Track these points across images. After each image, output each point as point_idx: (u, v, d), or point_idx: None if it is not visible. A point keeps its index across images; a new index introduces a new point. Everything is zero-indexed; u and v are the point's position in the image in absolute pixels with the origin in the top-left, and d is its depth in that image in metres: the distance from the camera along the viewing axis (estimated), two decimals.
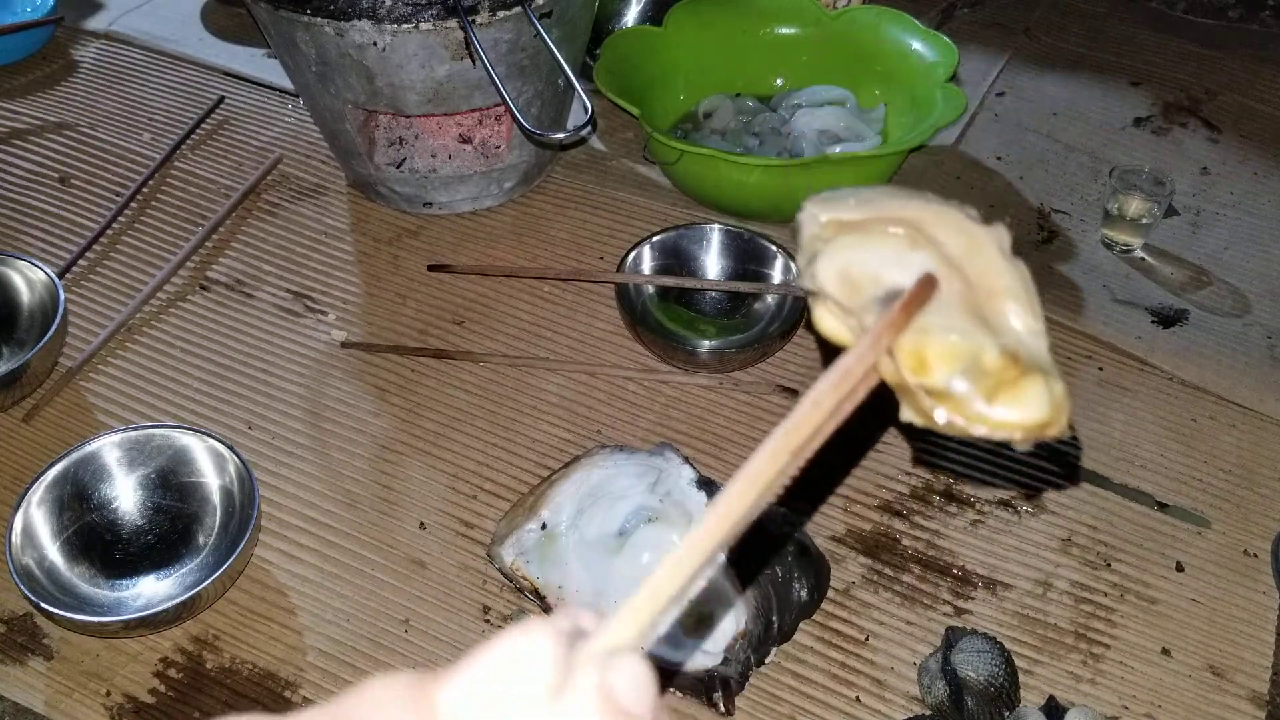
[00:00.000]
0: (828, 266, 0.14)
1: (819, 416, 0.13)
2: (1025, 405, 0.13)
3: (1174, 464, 0.40)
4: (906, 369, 0.13)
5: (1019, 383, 0.13)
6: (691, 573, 0.12)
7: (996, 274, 0.14)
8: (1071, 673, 0.34)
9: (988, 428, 0.13)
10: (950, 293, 0.14)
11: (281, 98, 0.58)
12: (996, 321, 0.14)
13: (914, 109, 0.51)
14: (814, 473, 0.42)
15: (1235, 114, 0.59)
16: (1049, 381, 0.14)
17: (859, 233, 0.14)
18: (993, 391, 0.13)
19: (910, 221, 0.14)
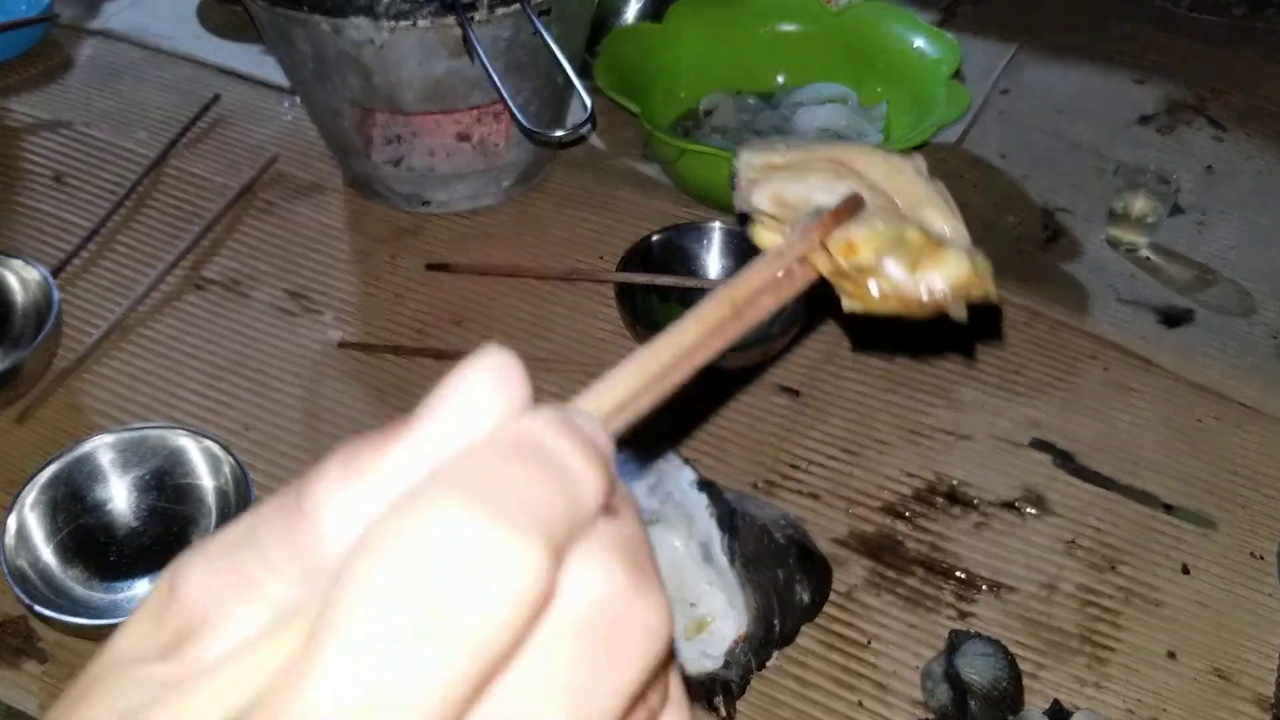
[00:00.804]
0: (763, 192, 0.16)
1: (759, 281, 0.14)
2: (947, 267, 0.15)
3: (1180, 465, 0.40)
4: (838, 254, 0.15)
5: (940, 252, 0.15)
6: (633, 385, 0.12)
7: (916, 190, 0.16)
8: (1076, 676, 0.34)
9: (916, 291, 0.15)
10: (875, 205, 0.16)
11: (278, 95, 0.58)
12: (918, 220, 0.16)
13: (917, 107, 0.51)
14: (816, 473, 0.41)
15: (1241, 112, 0.58)
16: (970, 253, 0.15)
17: (790, 169, 0.16)
18: (916, 261, 0.15)
19: (835, 158, 0.16)
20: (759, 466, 0.40)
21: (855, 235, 0.15)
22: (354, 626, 0.09)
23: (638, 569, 0.10)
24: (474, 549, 0.09)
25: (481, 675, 0.09)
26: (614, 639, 0.10)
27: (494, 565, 0.09)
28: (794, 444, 0.41)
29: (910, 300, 0.15)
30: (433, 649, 0.09)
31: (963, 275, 0.15)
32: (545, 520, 0.09)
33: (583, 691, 0.09)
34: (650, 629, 0.10)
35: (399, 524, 0.09)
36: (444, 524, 0.09)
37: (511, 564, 0.09)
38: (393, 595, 0.09)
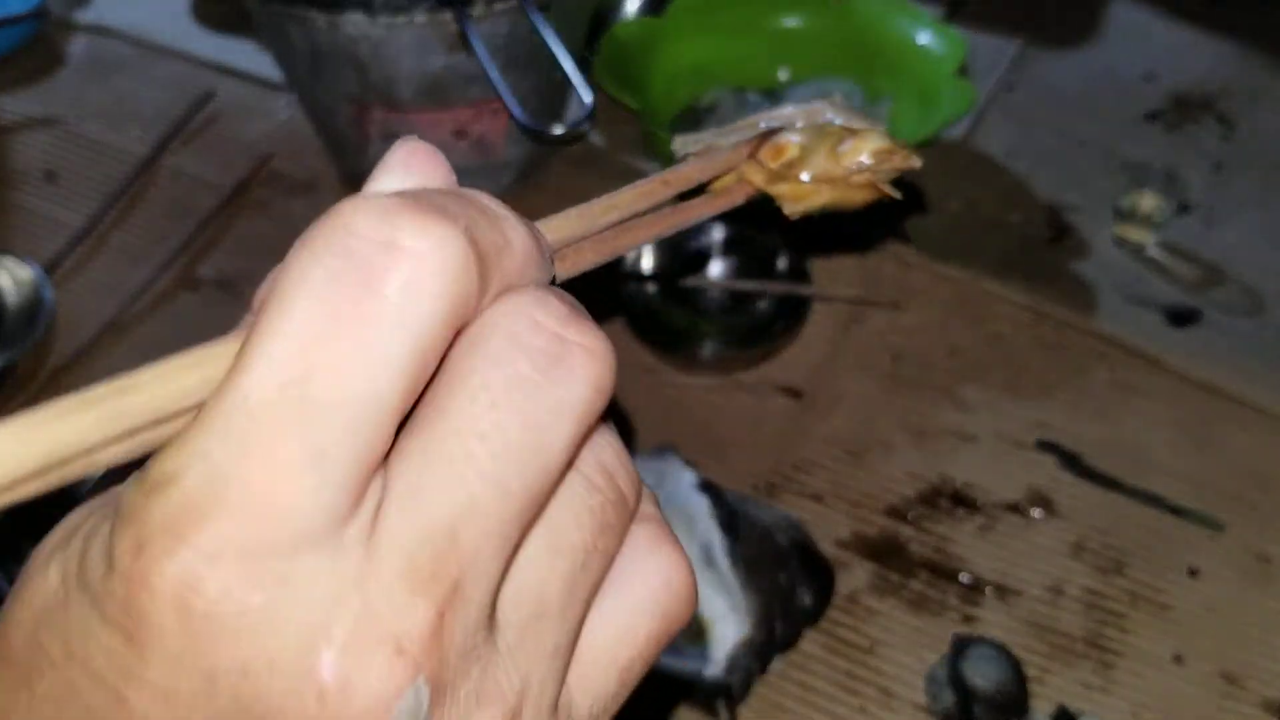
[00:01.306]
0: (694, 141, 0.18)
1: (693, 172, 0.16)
2: (866, 139, 0.16)
3: (1187, 467, 0.40)
4: (767, 160, 0.16)
5: (858, 133, 0.17)
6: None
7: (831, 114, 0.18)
8: (1082, 680, 0.33)
9: (843, 168, 0.16)
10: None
11: (273, 92, 0.57)
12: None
13: (921, 103, 0.50)
14: (819, 475, 0.40)
15: (1250, 108, 0.58)
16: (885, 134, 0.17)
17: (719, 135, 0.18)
18: (836, 148, 0.16)
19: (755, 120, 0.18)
20: (761, 468, 0.39)
21: (780, 138, 0.16)
22: (282, 320, 0.09)
23: (573, 308, 0.10)
24: (398, 232, 0.09)
25: (416, 359, 0.09)
26: (555, 353, 0.09)
27: (411, 243, 0.09)
28: (796, 445, 0.40)
29: (840, 180, 0.16)
30: (365, 331, 0.09)
31: (883, 144, 0.16)
32: (469, 222, 0.09)
33: (528, 398, 0.09)
34: (590, 349, 0.10)
35: (322, 223, 0.09)
36: (369, 215, 0.09)
37: (437, 243, 0.09)
38: (317, 286, 0.09)
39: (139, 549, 0.08)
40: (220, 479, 0.08)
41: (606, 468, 0.10)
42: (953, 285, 0.47)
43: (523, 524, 0.09)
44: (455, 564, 0.09)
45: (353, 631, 0.09)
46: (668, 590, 0.11)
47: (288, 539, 0.08)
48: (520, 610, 0.10)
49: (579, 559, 0.10)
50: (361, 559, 0.09)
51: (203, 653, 0.08)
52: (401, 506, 0.09)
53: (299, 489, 0.08)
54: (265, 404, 0.09)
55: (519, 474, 0.09)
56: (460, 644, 0.09)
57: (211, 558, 0.08)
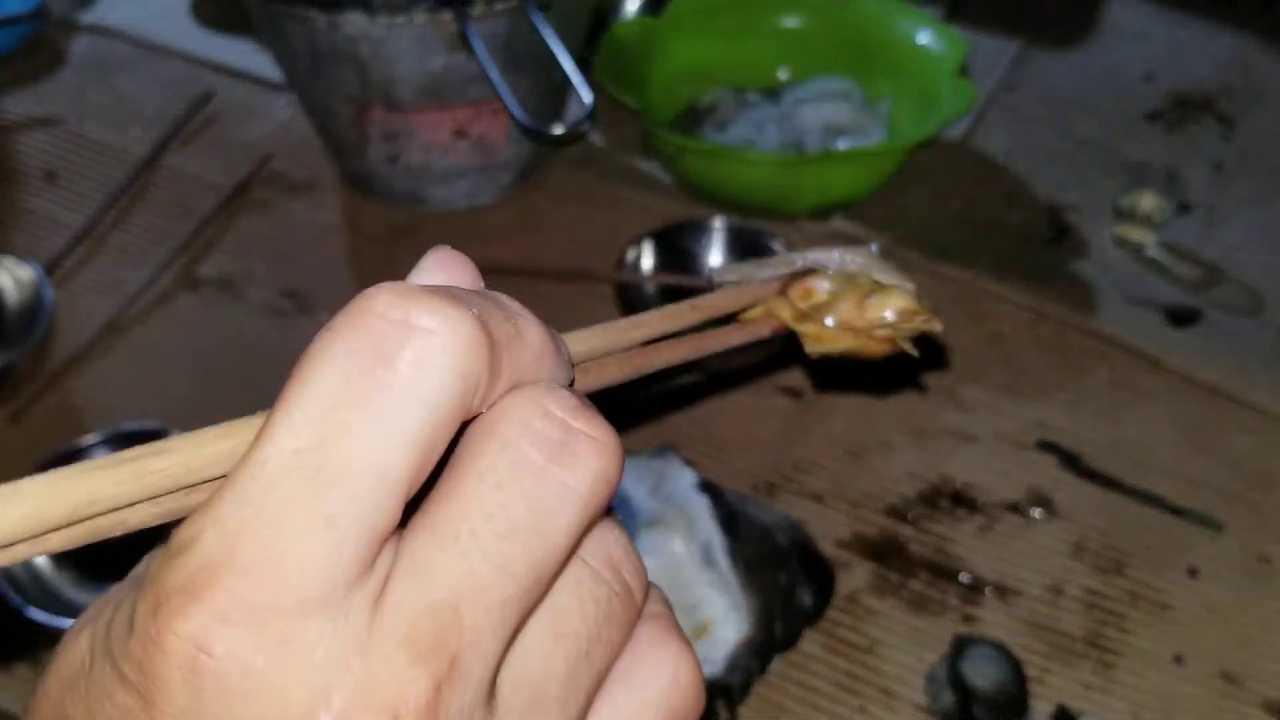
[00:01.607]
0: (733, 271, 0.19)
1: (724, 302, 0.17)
2: (893, 299, 0.17)
3: (1187, 467, 0.40)
4: (797, 299, 0.17)
5: (886, 289, 0.18)
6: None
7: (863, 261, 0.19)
8: (1082, 680, 0.33)
9: (867, 321, 0.17)
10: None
11: (273, 92, 0.57)
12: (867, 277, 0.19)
13: (921, 102, 0.50)
14: (819, 475, 0.40)
15: (1250, 109, 0.58)
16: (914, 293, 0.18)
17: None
18: (862, 299, 0.17)
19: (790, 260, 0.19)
20: (761, 468, 0.39)
21: (811, 281, 0.17)
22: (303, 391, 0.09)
23: (584, 401, 0.10)
24: (412, 312, 0.09)
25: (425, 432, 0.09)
26: (562, 441, 0.10)
27: (423, 323, 0.09)
28: (796, 445, 0.40)
29: (862, 331, 0.17)
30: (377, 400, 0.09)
31: (908, 305, 0.17)
32: (483, 310, 0.10)
33: (534, 483, 0.10)
34: (597, 440, 0.10)
35: (348, 306, 0.10)
36: (387, 296, 0.10)
37: (447, 322, 0.09)
38: (336, 359, 0.09)
39: (156, 609, 0.09)
40: (234, 541, 0.09)
41: (612, 560, 0.11)
42: (953, 285, 0.47)
43: (524, 606, 0.10)
44: (456, 638, 0.09)
45: (351, 698, 0.09)
46: (675, 686, 0.11)
47: (295, 602, 0.09)
48: (520, 693, 0.10)
49: (582, 647, 0.10)
50: (365, 626, 0.09)
51: (208, 713, 0.09)
52: (407, 579, 0.09)
53: (308, 552, 0.09)
54: (281, 470, 0.09)
55: (522, 555, 0.09)
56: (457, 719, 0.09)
57: (222, 618, 0.09)
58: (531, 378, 0.10)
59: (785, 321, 0.17)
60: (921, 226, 0.50)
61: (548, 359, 0.11)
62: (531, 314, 0.11)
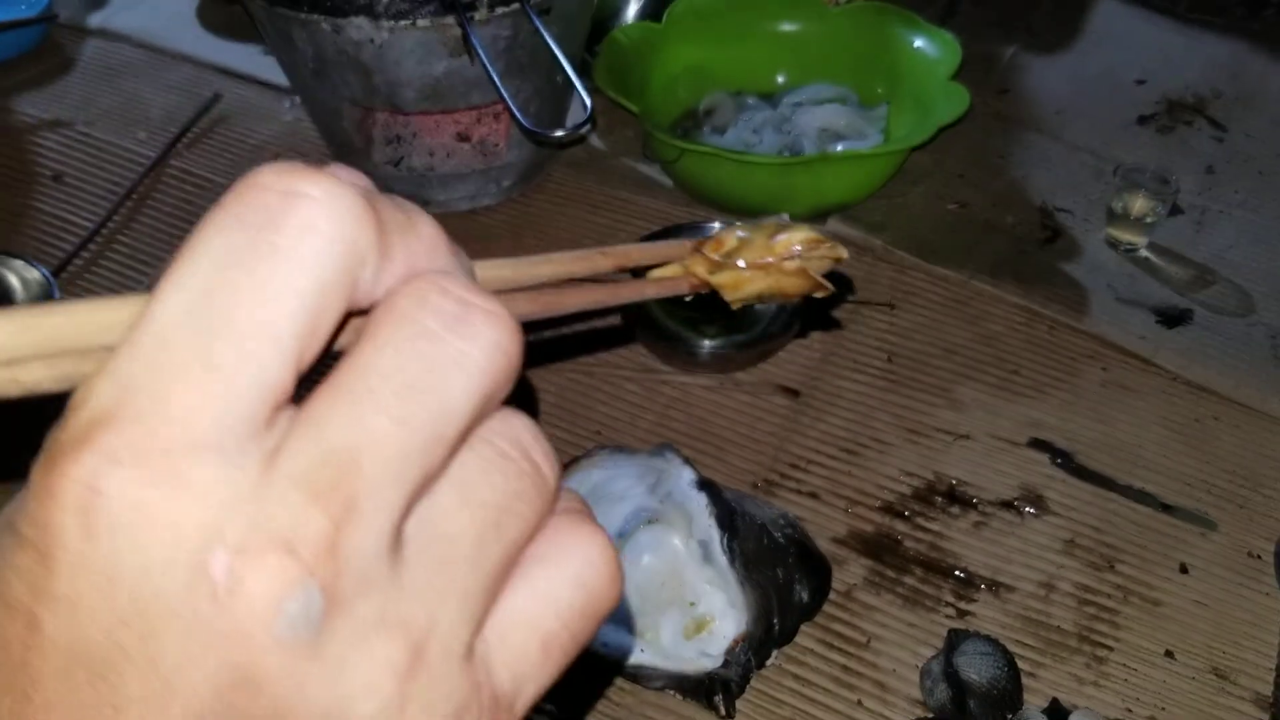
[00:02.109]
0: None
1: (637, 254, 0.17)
2: (796, 232, 0.18)
3: (1178, 465, 0.40)
4: (709, 252, 0.17)
5: (789, 227, 0.18)
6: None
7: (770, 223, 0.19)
8: (1075, 675, 0.34)
9: (776, 252, 0.17)
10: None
11: (278, 95, 0.58)
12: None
13: (917, 106, 0.51)
14: (816, 473, 0.41)
15: (1240, 112, 0.58)
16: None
17: None
18: (769, 238, 0.18)
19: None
20: (759, 466, 0.40)
21: (721, 233, 0.18)
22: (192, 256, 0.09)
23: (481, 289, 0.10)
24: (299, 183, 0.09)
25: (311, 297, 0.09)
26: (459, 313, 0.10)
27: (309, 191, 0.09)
28: (793, 443, 0.41)
29: (774, 268, 0.17)
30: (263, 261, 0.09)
31: (809, 235, 0.18)
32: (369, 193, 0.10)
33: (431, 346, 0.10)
34: (493, 312, 0.10)
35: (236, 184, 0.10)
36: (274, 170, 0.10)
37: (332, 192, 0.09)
38: (223, 227, 0.09)
39: (50, 464, 0.09)
40: (126, 392, 0.09)
41: (520, 441, 0.11)
42: (947, 286, 0.47)
43: (424, 463, 0.10)
44: (352, 483, 0.09)
45: (245, 532, 0.09)
46: (589, 565, 0.11)
47: (186, 443, 0.09)
48: (426, 550, 0.10)
49: (490, 516, 0.10)
50: (259, 472, 0.09)
51: (102, 555, 0.09)
52: (303, 432, 0.09)
53: (195, 397, 0.09)
54: (170, 324, 0.09)
55: (419, 411, 0.09)
56: (358, 565, 0.09)
57: (112, 459, 0.09)
58: (426, 268, 0.10)
59: (702, 277, 0.17)
60: (916, 228, 0.50)
61: (442, 252, 0.11)
62: (426, 213, 0.11)
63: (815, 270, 0.18)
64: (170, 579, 0.09)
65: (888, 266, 0.48)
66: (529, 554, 0.11)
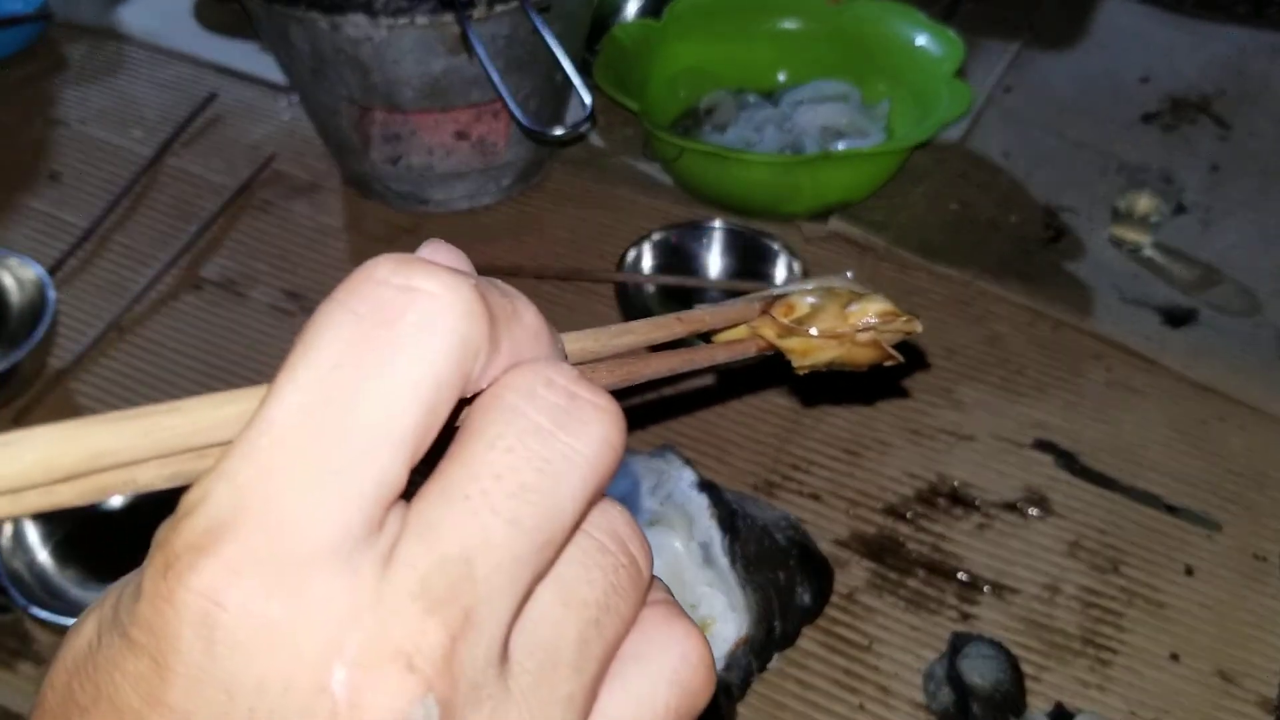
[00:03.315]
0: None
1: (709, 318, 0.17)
2: (872, 304, 0.18)
3: (1183, 466, 0.40)
4: (779, 315, 0.17)
5: (864, 296, 0.18)
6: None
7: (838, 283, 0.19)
8: (1079, 678, 0.33)
9: (848, 327, 0.17)
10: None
11: (275, 94, 0.58)
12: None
13: (919, 104, 0.51)
14: (817, 474, 0.40)
15: (1245, 110, 0.58)
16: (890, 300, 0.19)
17: None
18: (844, 307, 0.18)
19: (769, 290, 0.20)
20: (760, 467, 0.40)
21: (794, 297, 0.18)
22: (308, 353, 0.09)
23: (583, 374, 0.11)
24: (414, 277, 0.10)
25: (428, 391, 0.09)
26: (567, 407, 0.10)
27: (425, 286, 0.10)
28: (795, 445, 0.40)
29: (846, 338, 0.17)
30: (380, 358, 0.09)
31: (884, 307, 0.17)
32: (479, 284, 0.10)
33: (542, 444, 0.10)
34: (601, 406, 0.10)
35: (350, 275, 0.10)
36: (389, 263, 0.10)
37: (448, 286, 0.10)
38: (340, 323, 0.09)
39: (166, 570, 0.09)
40: (242, 496, 0.09)
41: (618, 534, 0.11)
42: (950, 285, 0.47)
43: (535, 567, 0.10)
44: (468, 591, 0.09)
45: (365, 647, 0.09)
46: (685, 663, 0.11)
47: (305, 553, 0.09)
48: (533, 656, 0.10)
49: (591, 615, 0.10)
50: (376, 580, 0.09)
51: (222, 669, 0.09)
52: (418, 536, 0.09)
53: (316, 504, 0.09)
54: (288, 427, 0.09)
55: (532, 514, 0.09)
56: (471, 675, 0.09)
57: (233, 571, 0.09)
58: (530, 356, 0.10)
59: (770, 340, 0.17)
60: (919, 227, 0.50)
61: (544, 340, 0.11)
62: (525, 298, 0.11)
63: (888, 342, 0.17)
64: (290, 697, 0.09)
65: (890, 266, 0.48)
66: (625, 651, 0.11)
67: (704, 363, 0.16)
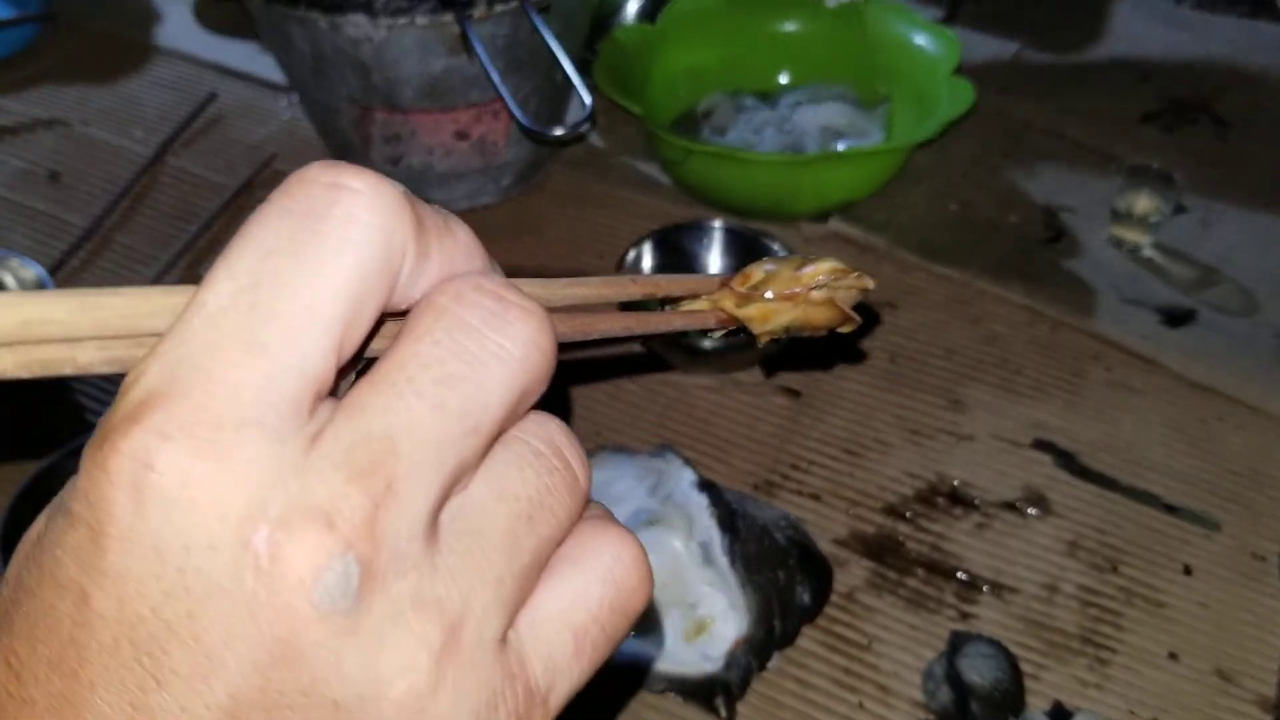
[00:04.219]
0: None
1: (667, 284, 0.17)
2: (822, 262, 0.18)
3: (1182, 466, 0.40)
4: (736, 285, 0.18)
5: (814, 258, 0.18)
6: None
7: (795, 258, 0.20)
8: (1078, 677, 0.33)
9: (803, 283, 0.18)
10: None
11: (275, 93, 0.58)
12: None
13: (919, 103, 0.51)
14: (817, 474, 0.40)
15: (1245, 110, 0.58)
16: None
17: None
18: (796, 269, 0.18)
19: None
20: (759, 467, 0.40)
21: (750, 266, 0.18)
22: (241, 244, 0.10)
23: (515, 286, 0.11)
24: (342, 176, 0.10)
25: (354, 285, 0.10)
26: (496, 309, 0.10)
27: (352, 184, 0.10)
28: (795, 444, 0.40)
29: (801, 299, 0.18)
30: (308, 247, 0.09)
31: (835, 265, 0.18)
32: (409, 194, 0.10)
33: (469, 338, 0.10)
34: (529, 309, 0.10)
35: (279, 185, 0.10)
36: (320, 166, 0.10)
37: (374, 185, 0.10)
38: (271, 217, 0.10)
39: (102, 442, 0.09)
40: (176, 371, 0.09)
41: (554, 442, 0.11)
42: (950, 285, 0.47)
43: (460, 452, 0.10)
44: (392, 465, 0.09)
45: (287, 507, 0.09)
46: (619, 563, 0.11)
47: (232, 420, 0.09)
48: (461, 540, 0.10)
49: (523, 509, 0.10)
50: (302, 452, 0.09)
51: (151, 529, 0.09)
52: (345, 416, 0.10)
53: (243, 375, 0.09)
54: (219, 308, 0.09)
55: (457, 400, 0.10)
56: (395, 544, 0.09)
57: (162, 435, 0.09)
58: (463, 270, 0.11)
59: (730, 311, 0.18)
60: (919, 227, 0.50)
61: (477, 256, 0.11)
62: (463, 221, 0.11)
63: (843, 301, 0.18)
64: (215, 553, 0.09)
65: (890, 266, 0.48)
66: (560, 554, 0.11)
67: (661, 326, 0.17)
